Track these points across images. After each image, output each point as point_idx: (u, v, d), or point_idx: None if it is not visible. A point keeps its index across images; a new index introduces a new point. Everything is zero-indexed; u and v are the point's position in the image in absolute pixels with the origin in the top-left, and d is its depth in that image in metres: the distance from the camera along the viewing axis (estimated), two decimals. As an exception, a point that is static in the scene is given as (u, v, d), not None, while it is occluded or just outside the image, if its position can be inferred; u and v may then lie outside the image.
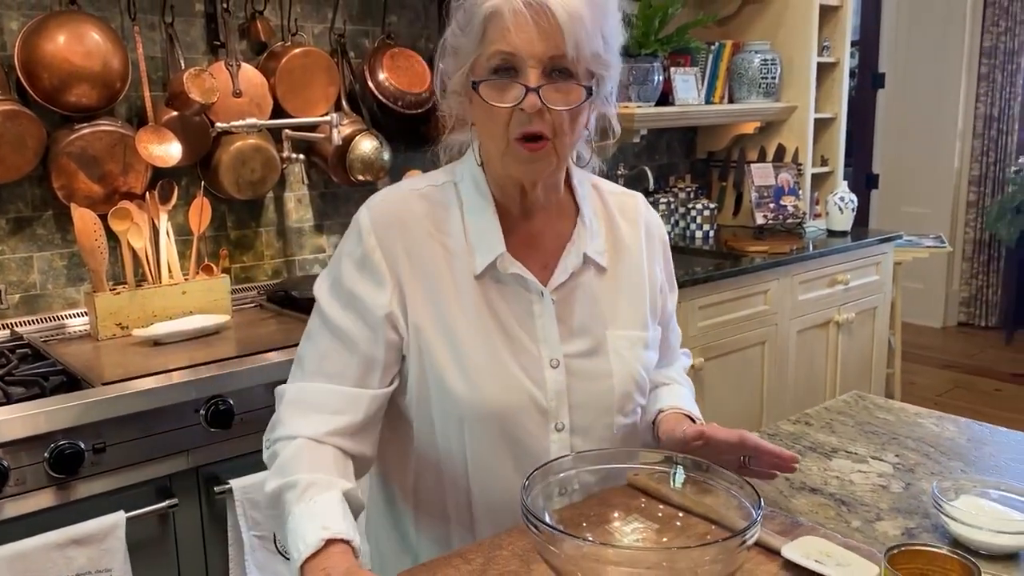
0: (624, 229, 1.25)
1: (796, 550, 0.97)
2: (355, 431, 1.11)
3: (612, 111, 1.18)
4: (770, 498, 1.20)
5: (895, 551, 0.83)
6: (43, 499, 1.64)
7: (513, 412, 1.12)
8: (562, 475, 1.00)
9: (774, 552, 0.98)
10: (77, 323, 2.20)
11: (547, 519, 0.91)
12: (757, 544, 0.98)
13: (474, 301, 1.13)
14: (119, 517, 1.68)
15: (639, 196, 1.31)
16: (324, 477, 1.04)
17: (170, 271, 2.21)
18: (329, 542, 0.97)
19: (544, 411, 1.13)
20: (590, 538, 0.93)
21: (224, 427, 1.81)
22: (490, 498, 1.14)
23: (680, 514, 1.00)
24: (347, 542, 0.97)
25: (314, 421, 1.10)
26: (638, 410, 1.21)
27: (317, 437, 1.09)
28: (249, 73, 2.37)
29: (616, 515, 1.01)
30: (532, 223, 1.18)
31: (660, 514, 1.01)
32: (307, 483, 1.03)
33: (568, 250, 1.19)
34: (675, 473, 1.01)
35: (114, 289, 2.12)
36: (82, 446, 1.65)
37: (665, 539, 0.97)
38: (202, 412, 1.79)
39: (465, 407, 1.11)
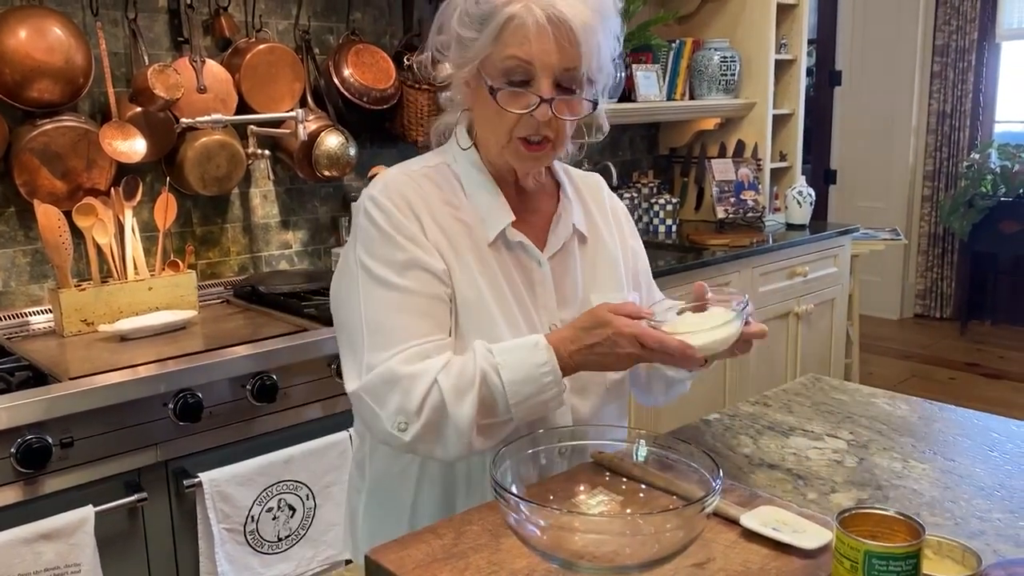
0: (594, 206, 1.36)
1: (754, 519, 1.01)
2: None
3: (602, 110, 1.24)
4: (730, 473, 1.24)
5: (846, 514, 0.87)
6: (10, 494, 1.63)
7: None
8: (532, 451, 1.03)
9: (733, 521, 1.02)
10: (41, 320, 2.19)
11: (514, 493, 0.94)
12: (716, 514, 1.02)
13: (488, 265, 1.19)
14: (88, 512, 1.68)
15: (599, 176, 1.44)
16: (470, 352, 1.11)
17: (136, 267, 2.21)
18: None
19: None
20: (558, 509, 0.96)
21: (193, 420, 1.81)
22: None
23: (643, 487, 1.04)
24: None
25: (434, 361, 1.10)
26: (622, 376, 1.30)
27: (447, 361, 1.10)
28: (214, 69, 2.38)
29: (581, 488, 1.04)
30: (524, 201, 1.26)
31: (624, 488, 1.04)
32: (477, 359, 1.09)
33: (557, 222, 1.27)
34: (637, 449, 1.05)
35: (79, 285, 2.11)
36: (49, 441, 1.65)
37: (629, 511, 1.01)
38: (171, 406, 1.80)
39: None
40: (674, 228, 3.52)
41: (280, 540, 1.94)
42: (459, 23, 1.14)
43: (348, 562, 1.37)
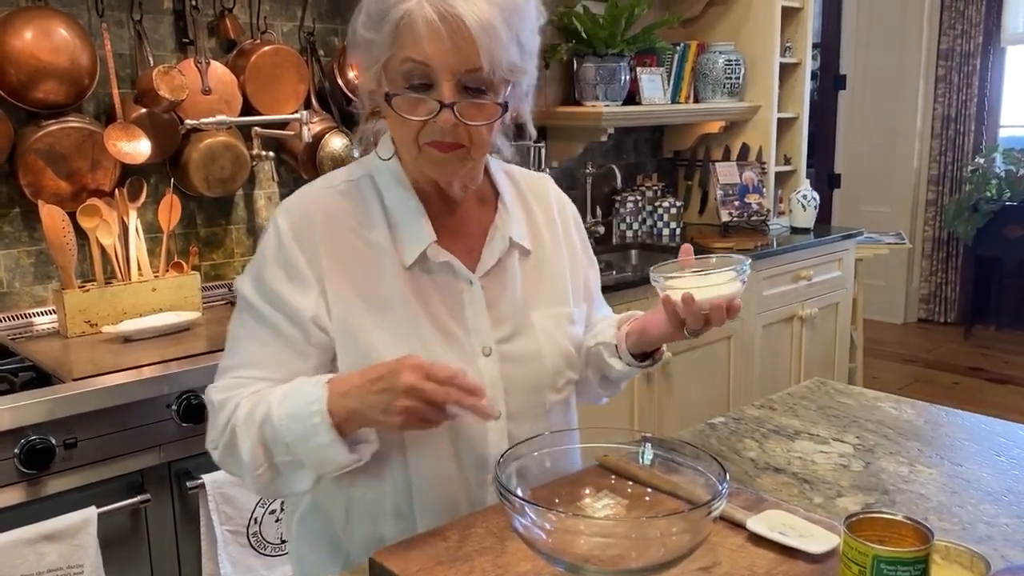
0: (539, 211, 1.26)
1: (761, 523, 1.00)
2: None
3: (527, 111, 1.15)
4: (736, 477, 1.24)
5: (854, 519, 0.86)
6: (14, 495, 1.63)
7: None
8: (534, 454, 1.02)
9: (739, 525, 1.01)
10: (44, 321, 2.18)
11: (520, 496, 0.93)
12: (723, 518, 1.02)
13: (404, 294, 1.11)
14: (91, 513, 1.68)
15: (548, 178, 1.33)
16: (290, 382, 1.06)
17: (140, 268, 2.20)
18: (329, 382, 1.01)
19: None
20: (563, 511, 0.95)
21: (196, 422, 1.81)
22: (431, 491, 1.13)
23: (649, 491, 1.03)
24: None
25: (252, 388, 1.08)
26: (569, 386, 1.23)
27: (259, 390, 1.07)
28: (218, 71, 2.38)
29: (587, 492, 1.03)
30: (453, 211, 1.18)
31: (629, 491, 1.04)
32: (276, 398, 1.03)
33: (493, 235, 1.19)
34: (643, 452, 1.04)
35: (83, 286, 2.11)
36: (53, 442, 1.65)
37: (634, 514, 1.01)
38: (174, 407, 1.79)
39: None
40: (678, 231, 3.51)
41: (283, 542, 1.94)
42: (362, 25, 1.06)
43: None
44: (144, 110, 2.23)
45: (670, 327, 1.13)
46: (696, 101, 3.57)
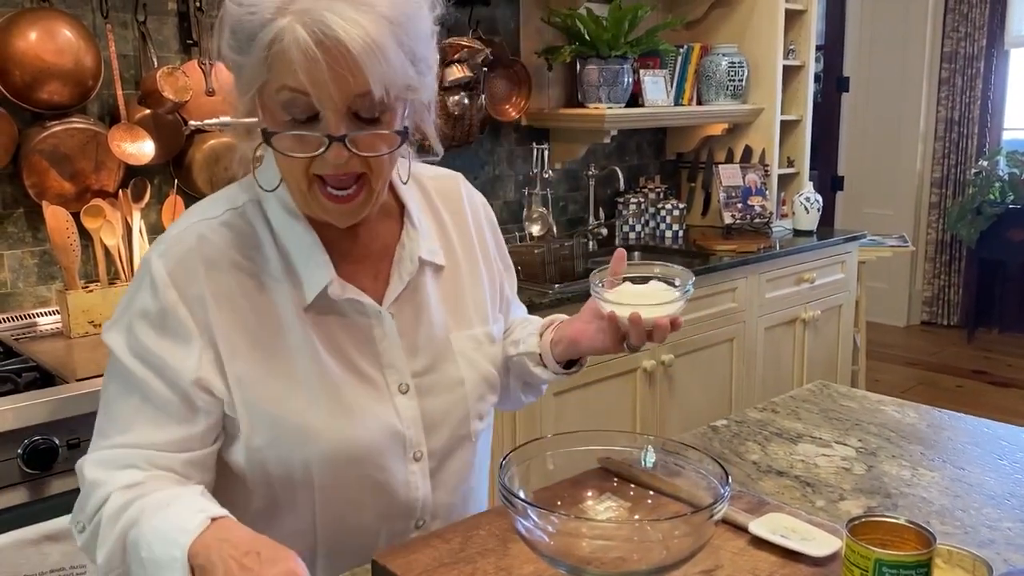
0: (450, 219, 1.16)
1: (763, 526, 1.00)
2: (180, 480, 0.96)
3: (430, 125, 1.04)
4: (738, 480, 1.24)
5: (856, 522, 0.87)
6: (16, 495, 1.64)
7: (366, 453, 1.01)
8: (536, 458, 1.02)
9: (742, 528, 1.01)
10: (48, 321, 2.19)
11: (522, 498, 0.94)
12: (725, 521, 1.02)
13: (306, 337, 1.00)
14: (94, 513, 1.68)
15: (459, 177, 1.22)
16: (170, 488, 0.92)
17: (143, 269, 2.21)
18: (214, 520, 0.85)
19: (401, 443, 1.05)
20: (566, 514, 0.95)
21: (199, 422, 1.81)
22: (339, 546, 1.05)
23: (651, 494, 1.03)
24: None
25: (130, 473, 0.94)
26: (491, 410, 1.17)
27: (138, 480, 0.93)
28: (222, 72, 2.38)
29: (589, 494, 1.04)
30: (354, 234, 1.05)
31: (632, 494, 1.04)
32: (156, 501, 0.89)
33: (400, 256, 1.07)
34: (646, 454, 1.04)
35: (87, 287, 2.11)
36: (56, 442, 1.65)
37: (637, 517, 1.01)
38: (177, 408, 1.79)
39: (312, 456, 0.99)
40: (681, 233, 3.51)
41: (285, 543, 1.94)
42: (228, 45, 0.92)
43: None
44: (148, 111, 2.23)
45: (610, 342, 1.08)
46: (699, 103, 3.57)
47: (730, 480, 0.90)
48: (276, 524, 1.03)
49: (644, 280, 1.10)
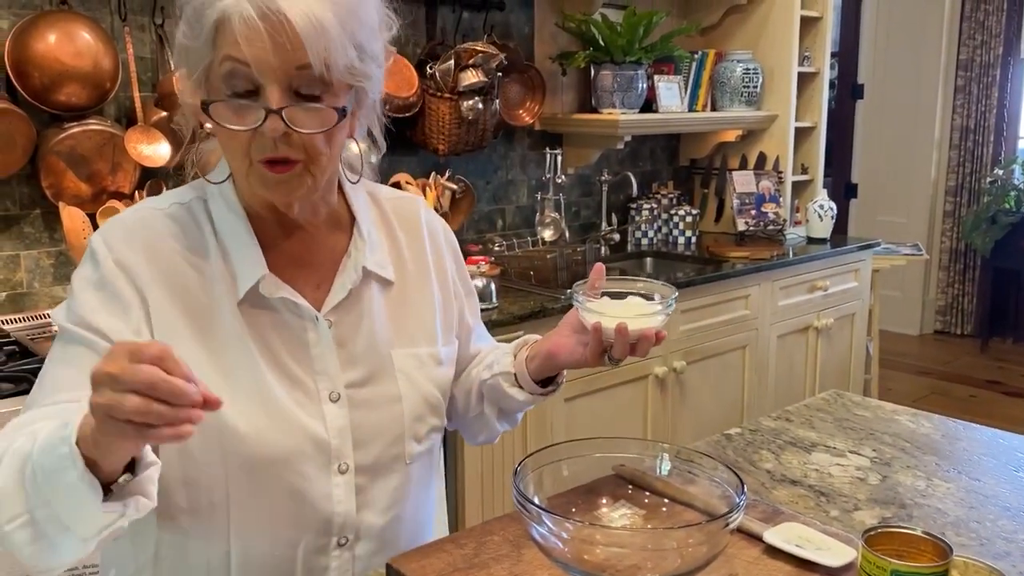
0: (405, 238, 1.15)
1: (777, 535, 1.00)
2: None
3: (377, 125, 1.06)
4: (752, 489, 1.24)
5: (872, 533, 0.86)
6: (31, 494, 1.64)
7: (287, 458, 0.99)
8: (550, 464, 1.02)
9: (756, 537, 1.01)
10: (64, 321, 2.20)
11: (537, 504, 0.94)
12: (740, 529, 1.02)
13: (238, 332, 0.99)
14: (107, 513, 1.69)
15: (418, 199, 1.21)
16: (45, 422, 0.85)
17: (158, 270, 2.22)
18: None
19: (326, 452, 1.01)
20: (580, 521, 0.95)
21: (212, 424, 1.82)
22: (257, 558, 1.01)
23: (665, 502, 1.03)
24: None
25: (33, 429, 0.86)
26: (433, 435, 1.13)
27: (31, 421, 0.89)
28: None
29: (604, 501, 1.03)
30: (299, 239, 1.05)
31: (647, 501, 1.04)
32: (55, 417, 0.84)
33: (344, 265, 1.06)
34: (660, 462, 1.04)
35: (102, 288, 2.12)
36: (71, 441, 1.65)
37: (651, 524, 1.00)
38: (191, 409, 1.80)
39: (230, 456, 0.97)
40: (693, 240, 3.51)
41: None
42: (182, 34, 0.95)
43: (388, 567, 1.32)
44: (164, 113, 2.24)
45: (591, 354, 1.06)
46: (713, 109, 3.57)
47: (745, 489, 0.90)
48: (189, 534, 1.00)
49: (623, 296, 1.08)
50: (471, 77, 2.69)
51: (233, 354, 0.99)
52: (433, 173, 2.81)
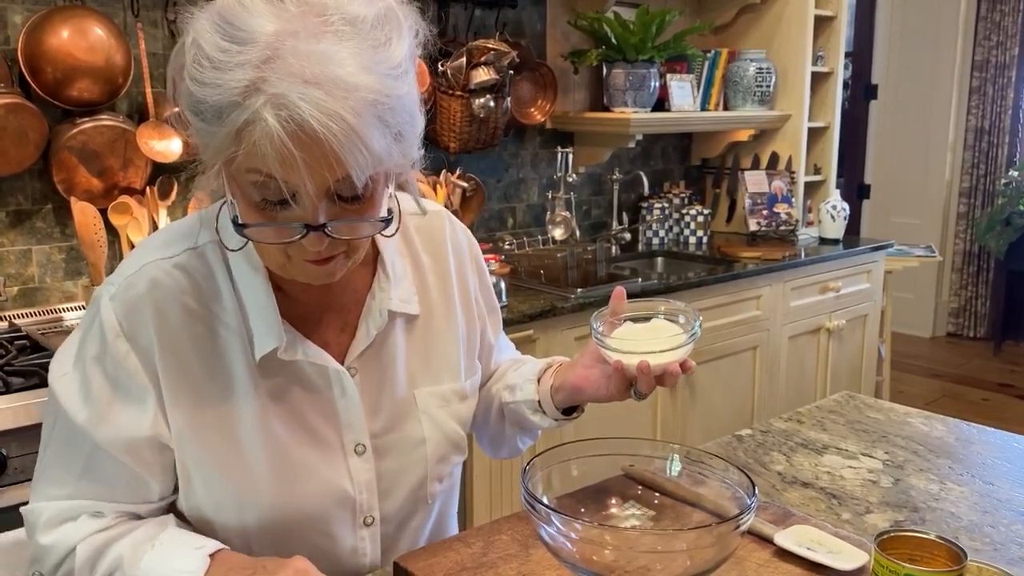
0: (429, 261, 1.09)
1: (788, 538, 0.99)
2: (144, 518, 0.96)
3: (414, 184, 0.97)
4: (763, 491, 1.22)
5: (885, 536, 0.85)
6: (41, 488, 1.65)
7: (312, 517, 0.97)
8: (559, 464, 1.01)
9: (767, 540, 1.00)
10: (74, 316, 2.21)
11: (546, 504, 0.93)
12: (750, 532, 1.01)
13: (254, 391, 0.94)
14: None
15: (443, 213, 1.14)
16: (147, 527, 0.92)
17: (168, 266, 2.22)
18: (213, 556, 0.87)
19: (351, 508, 1.00)
20: (589, 521, 0.94)
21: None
22: None
23: (675, 503, 1.02)
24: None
25: (90, 521, 0.93)
26: (455, 472, 1.12)
27: (104, 526, 0.93)
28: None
29: (613, 502, 1.03)
30: (322, 286, 0.96)
31: (656, 502, 1.03)
32: (134, 541, 0.90)
33: (369, 307, 1.01)
34: (671, 463, 1.03)
35: (113, 283, 2.13)
36: (80, 436, 1.66)
37: (661, 526, 1.00)
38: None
39: (248, 518, 0.95)
40: (705, 239, 3.50)
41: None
42: (189, 105, 0.82)
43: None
44: (176, 109, 2.24)
45: (615, 391, 1.03)
46: (726, 109, 3.55)
47: (756, 491, 0.89)
48: None
49: (646, 319, 1.04)
50: (483, 75, 2.68)
51: (248, 415, 0.94)
52: (444, 171, 2.81)
